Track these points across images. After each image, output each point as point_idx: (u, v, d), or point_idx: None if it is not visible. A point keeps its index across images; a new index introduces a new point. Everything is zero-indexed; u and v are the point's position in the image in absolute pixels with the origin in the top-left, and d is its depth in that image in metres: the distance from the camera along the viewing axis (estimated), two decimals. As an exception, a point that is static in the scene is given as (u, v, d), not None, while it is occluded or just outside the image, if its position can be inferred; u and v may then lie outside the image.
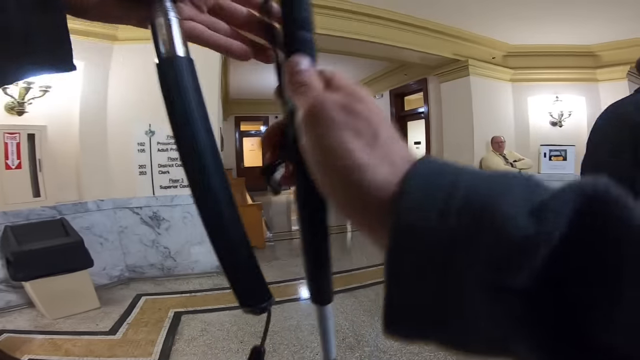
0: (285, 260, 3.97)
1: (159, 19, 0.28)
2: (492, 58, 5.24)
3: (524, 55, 5.36)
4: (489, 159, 4.90)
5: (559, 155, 5.46)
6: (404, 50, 4.57)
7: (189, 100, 0.28)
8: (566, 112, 5.33)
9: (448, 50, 4.87)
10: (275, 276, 3.38)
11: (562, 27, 4.58)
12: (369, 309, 2.65)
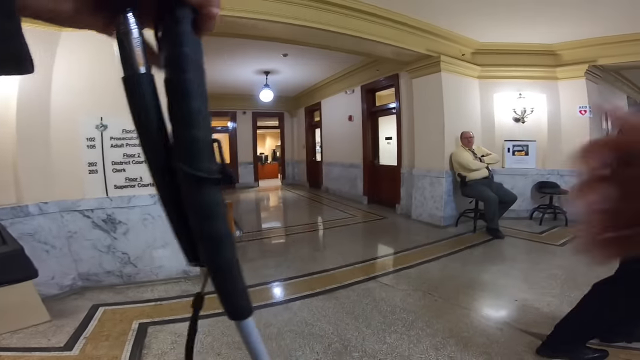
0: (258, 261, 3.76)
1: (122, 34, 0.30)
2: (462, 55, 5.34)
3: (491, 53, 5.51)
4: (459, 154, 4.98)
5: (521, 150, 5.68)
6: (378, 44, 4.50)
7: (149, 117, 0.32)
8: (529, 108, 5.56)
9: (422, 46, 4.88)
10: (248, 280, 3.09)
11: (527, 26, 4.74)
12: (351, 310, 2.52)
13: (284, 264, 3.62)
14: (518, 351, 1.95)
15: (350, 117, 7.75)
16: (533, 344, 2.00)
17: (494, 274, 3.32)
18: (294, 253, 4.03)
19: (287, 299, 2.76)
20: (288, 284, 3.11)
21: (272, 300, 2.76)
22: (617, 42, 4.88)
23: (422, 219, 5.58)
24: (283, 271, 3.40)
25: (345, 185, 8.24)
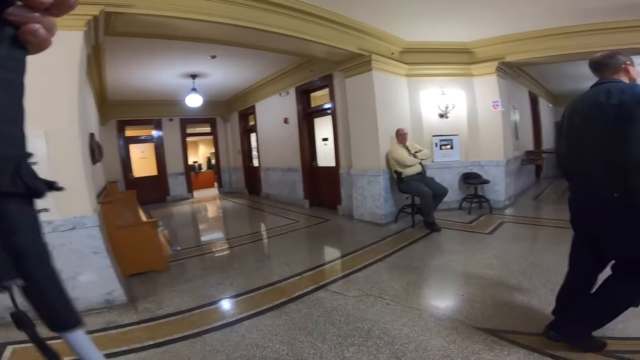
0: (197, 280, 3.42)
1: None
2: (391, 54, 5.51)
3: (417, 51, 5.78)
4: (395, 151, 5.14)
5: (447, 144, 6.06)
6: (312, 43, 4.43)
7: None
8: (451, 104, 5.95)
9: (354, 45, 4.92)
10: (186, 303, 2.85)
11: (447, 25, 5.04)
12: (304, 325, 2.38)
13: (227, 280, 3.34)
14: (475, 350, 1.97)
15: (286, 119, 7.61)
16: (488, 340, 2.05)
17: (438, 269, 3.44)
18: (237, 267, 3.75)
19: (233, 320, 2.52)
20: (232, 303, 2.87)
21: (216, 324, 2.48)
22: (521, 39, 5.42)
23: (364, 218, 5.66)
24: (226, 289, 3.14)
25: (286, 190, 8.08)
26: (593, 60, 1.83)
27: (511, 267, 3.29)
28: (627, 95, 1.54)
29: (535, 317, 2.28)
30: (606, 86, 1.67)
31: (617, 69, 1.75)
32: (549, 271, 3.13)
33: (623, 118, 1.52)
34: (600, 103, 1.62)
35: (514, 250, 3.91)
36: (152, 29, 3.48)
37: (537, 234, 4.75)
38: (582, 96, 1.81)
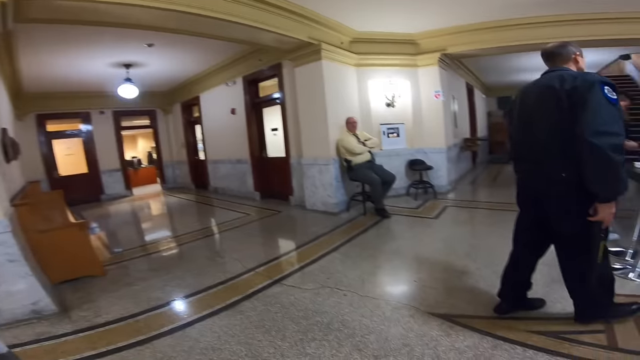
0: (140, 283, 3.14)
1: None
2: (340, 43, 5.48)
3: (366, 41, 5.82)
4: (344, 139, 5.16)
5: (394, 132, 6.22)
6: (261, 31, 4.24)
7: None
8: (397, 94, 6.12)
9: (304, 34, 4.80)
10: (129, 308, 2.61)
11: (395, 15, 5.11)
12: (261, 323, 2.28)
13: (173, 281, 3.11)
14: (433, 337, 2.01)
15: (233, 110, 7.29)
16: (444, 325, 2.11)
17: (390, 256, 3.51)
18: (184, 266, 3.50)
19: (184, 323, 2.34)
20: (182, 305, 2.67)
21: (165, 328, 2.28)
22: (461, 32, 5.69)
23: (317, 208, 5.64)
24: (173, 291, 2.92)
25: (235, 182, 7.79)
26: (546, 49, 1.93)
27: (457, 251, 3.47)
28: (579, 81, 1.63)
29: (483, 299, 2.41)
30: (559, 73, 1.76)
31: (568, 59, 1.86)
32: (490, 253, 3.34)
33: (576, 103, 1.61)
34: (553, 88, 1.70)
35: (458, 233, 4.13)
36: (75, 14, 3.09)
37: (476, 216, 5.08)
38: (534, 83, 1.89)
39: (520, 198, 2.09)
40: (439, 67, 6.09)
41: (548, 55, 1.93)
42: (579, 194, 1.70)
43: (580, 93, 1.61)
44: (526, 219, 2.07)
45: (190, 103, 9.18)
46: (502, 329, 2.02)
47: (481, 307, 2.31)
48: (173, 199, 8.60)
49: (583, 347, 1.79)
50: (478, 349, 1.86)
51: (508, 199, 6.00)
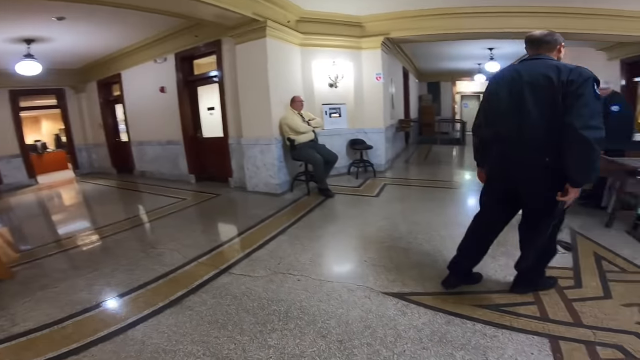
0: (60, 284, 2.69)
1: None
2: (287, 22, 5.23)
3: (313, 21, 5.65)
4: (289, 117, 5.02)
5: (335, 112, 6.23)
6: (199, 3, 3.83)
7: None
8: (340, 75, 6.09)
9: (248, 9, 4.46)
10: (51, 314, 2.24)
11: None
12: (214, 318, 2.11)
13: (101, 279, 2.73)
14: (391, 316, 2.06)
15: (163, 88, 6.63)
16: (399, 304, 2.17)
17: (338, 236, 3.53)
18: (113, 262, 3.08)
19: (124, 325, 2.07)
20: (117, 306, 2.36)
21: (101, 333, 2.00)
22: (404, 17, 5.77)
23: (259, 189, 5.45)
24: (103, 290, 2.57)
25: (166, 165, 7.17)
26: (534, 36, 1.95)
27: (400, 228, 3.62)
28: (575, 74, 1.70)
29: (429, 275, 2.55)
30: (553, 63, 1.81)
31: (553, 48, 1.92)
32: (429, 229, 3.56)
33: (569, 94, 1.69)
34: (551, 78, 1.74)
35: (398, 211, 4.31)
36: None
37: (412, 193, 5.37)
38: (522, 69, 1.90)
39: (493, 176, 2.14)
40: (381, 51, 6.18)
41: (534, 42, 1.95)
42: (553, 176, 1.83)
43: (575, 86, 1.68)
44: (494, 196, 2.14)
45: (109, 81, 8.20)
46: (451, 305, 2.15)
47: (428, 283, 2.44)
48: (90, 185, 7.62)
49: (521, 319, 1.98)
50: (434, 326, 1.95)
51: (437, 177, 6.52)
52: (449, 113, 14.80)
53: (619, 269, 2.60)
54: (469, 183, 5.94)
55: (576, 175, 1.75)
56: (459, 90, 15.62)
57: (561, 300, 2.16)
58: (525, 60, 1.97)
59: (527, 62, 1.94)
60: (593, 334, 1.81)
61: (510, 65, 1.99)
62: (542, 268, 2.22)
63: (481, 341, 1.80)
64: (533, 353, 1.70)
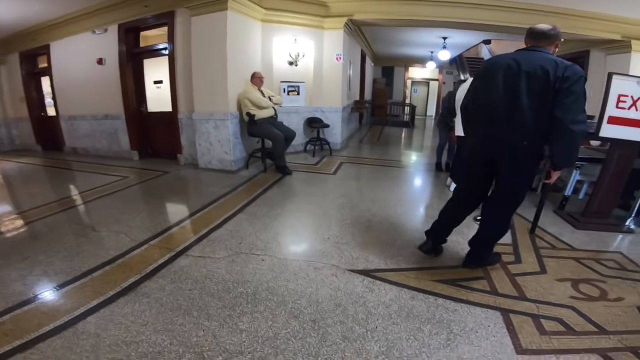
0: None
1: None
2: None
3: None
4: (250, 91, 4.86)
5: (294, 90, 6.09)
6: None
7: None
8: (301, 53, 5.92)
9: None
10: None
11: None
12: (176, 305, 1.98)
13: (36, 268, 2.39)
14: (359, 293, 2.10)
15: (101, 60, 5.93)
16: (365, 281, 2.23)
17: (299, 214, 3.50)
18: (47, 248, 2.71)
19: (71, 318, 1.84)
20: (59, 297, 2.08)
21: (47, 328, 1.76)
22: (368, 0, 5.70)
23: (212, 166, 5.20)
24: (40, 280, 2.24)
25: (103, 141, 6.52)
26: (538, 29, 2.02)
27: (359, 206, 3.69)
28: (570, 72, 1.81)
29: (390, 252, 2.65)
30: (550, 57, 1.91)
31: (552, 43, 2.01)
32: (386, 206, 3.69)
33: (562, 90, 1.81)
34: (548, 72, 1.84)
35: (356, 188, 4.40)
36: None
37: (368, 172, 5.48)
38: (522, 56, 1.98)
39: (476, 150, 2.23)
40: (343, 32, 6.12)
41: (537, 35, 2.02)
42: (529, 160, 2.03)
43: (569, 83, 1.80)
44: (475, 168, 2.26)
45: (34, 52, 7.18)
46: (413, 280, 2.26)
47: (390, 260, 2.54)
48: (11, 164, 6.62)
49: (475, 293, 2.14)
50: (400, 301, 2.03)
51: (390, 156, 6.74)
52: (401, 97, 15.31)
53: (549, 245, 2.92)
54: (417, 163, 6.23)
55: (560, 161, 1.96)
56: (411, 76, 16.13)
57: (506, 275, 2.37)
58: (524, 50, 2.05)
59: (526, 52, 2.03)
60: (536, 307, 2.01)
61: (507, 54, 2.07)
62: (492, 245, 2.42)
63: (444, 315, 1.91)
64: (490, 326, 1.84)
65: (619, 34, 5.57)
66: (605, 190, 3.34)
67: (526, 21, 5.35)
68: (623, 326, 1.87)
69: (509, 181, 2.12)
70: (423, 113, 17.12)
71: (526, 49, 2.06)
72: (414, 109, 13.43)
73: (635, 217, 3.56)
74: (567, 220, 3.50)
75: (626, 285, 2.31)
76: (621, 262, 2.67)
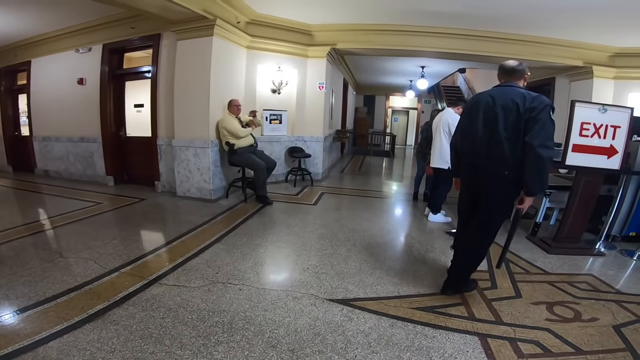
0: None
1: None
2: (237, 22, 5.05)
3: (264, 25, 5.56)
4: (227, 120, 4.85)
5: (276, 119, 6.18)
6: None
7: None
8: (284, 81, 6.05)
9: (198, 5, 4.21)
10: None
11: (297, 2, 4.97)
12: (147, 332, 1.88)
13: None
14: (338, 322, 2.07)
15: (81, 80, 5.90)
16: (344, 310, 2.20)
17: (278, 244, 3.45)
18: (10, 272, 2.57)
19: (32, 342, 1.73)
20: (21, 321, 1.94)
21: (4, 351, 1.65)
22: (352, 30, 5.95)
23: (191, 194, 5.11)
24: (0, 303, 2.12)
25: (77, 164, 6.34)
26: (508, 66, 2.26)
27: (339, 236, 3.69)
28: (536, 102, 2.02)
29: (369, 281, 2.64)
30: (519, 91, 2.12)
31: (521, 77, 2.25)
32: (366, 236, 3.71)
33: (531, 118, 2.01)
34: (518, 105, 2.06)
35: (336, 218, 4.40)
36: None
37: (348, 202, 5.52)
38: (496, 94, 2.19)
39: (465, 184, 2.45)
40: (327, 61, 6.31)
41: (508, 71, 2.26)
42: (509, 188, 2.18)
43: (536, 112, 2.01)
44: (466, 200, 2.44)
45: (14, 69, 7.12)
46: (392, 309, 2.25)
47: (369, 288, 2.53)
48: (-22, 184, 6.37)
49: (454, 319, 2.16)
50: (379, 330, 2.01)
51: (371, 186, 6.84)
52: (382, 126, 15.62)
53: (523, 270, 2.99)
54: (397, 193, 6.34)
55: (532, 185, 2.09)
56: (391, 105, 16.64)
57: (482, 301, 2.40)
58: (499, 87, 2.27)
59: (500, 88, 2.25)
60: (513, 331, 2.03)
61: (486, 91, 2.30)
62: (470, 272, 2.46)
63: (423, 342, 1.90)
64: (468, 351, 1.84)
65: (581, 60, 5.82)
66: (574, 216, 3.50)
67: (498, 50, 5.73)
68: (599, 345, 1.91)
69: (490, 207, 2.26)
70: (403, 142, 17.60)
71: (500, 85, 2.28)
72: (394, 139, 13.80)
73: (604, 241, 3.73)
74: (540, 246, 3.62)
75: (600, 306, 2.39)
76: (593, 284, 2.77)
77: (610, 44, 5.57)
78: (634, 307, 2.39)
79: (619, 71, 5.76)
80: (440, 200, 4.49)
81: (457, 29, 5.60)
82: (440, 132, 4.28)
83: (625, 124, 3.26)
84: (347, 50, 6.50)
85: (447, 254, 3.21)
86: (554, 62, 5.86)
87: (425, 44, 5.88)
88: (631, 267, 3.21)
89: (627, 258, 3.44)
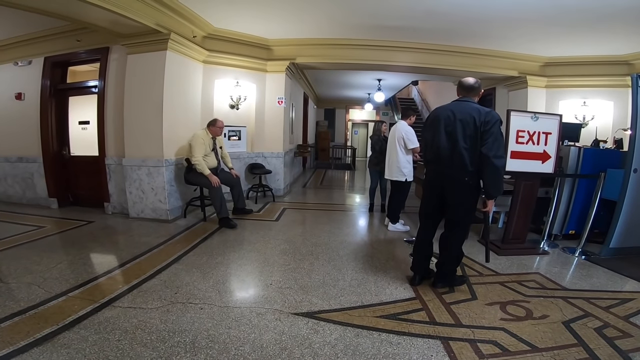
0: None
1: None
2: (193, 37, 4.96)
3: (220, 39, 5.51)
4: (196, 136, 4.63)
5: (235, 135, 6.11)
6: (94, 8, 3.40)
7: None
8: (243, 96, 6.00)
9: (151, 19, 4.10)
10: None
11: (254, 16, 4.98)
12: (103, 355, 1.76)
13: None
14: (305, 336, 2.05)
15: (20, 95, 5.48)
16: (310, 323, 2.19)
17: (240, 262, 3.37)
18: None
19: None
20: None
21: None
22: (310, 44, 6.05)
23: (145, 215, 4.86)
24: None
25: (15, 186, 5.81)
26: (467, 83, 2.58)
27: (301, 250, 3.69)
28: (489, 117, 2.36)
29: (332, 293, 2.67)
30: (475, 106, 2.47)
31: (477, 93, 2.60)
32: (328, 249, 3.74)
33: (485, 131, 2.34)
34: (473, 117, 2.39)
35: (298, 233, 4.40)
36: None
37: (310, 217, 5.54)
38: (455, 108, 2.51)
39: (428, 190, 2.75)
40: (286, 75, 6.34)
41: (467, 88, 2.58)
42: (470, 192, 2.50)
43: (489, 126, 2.34)
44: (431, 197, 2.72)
45: None
46: (357, 318, 2.28)
47: (333, 300, 2.55)
48: None
49: (416, 325, 2.23)
50: (345, 340, 2.02)
51: (333, 200, 6.92)
52: (342, 139, 15.94)
53: (477, 273, 3.17)
54: (359, 205, 6.47)
55: (489, 189, 2.43)
56: (351, 118, 17.10)
57: (442, 304, 2.51)
58: (457, 102, 2.57)
59: (458, 103, 2.55)
60: (472, 332, 2.13)
61: (446, 106, 2.60)
62: (455, 267, 2.76)
63: (389, 349, 1.94)
64: (432, 355, 1.90)
65: (516, 70, 6.16)
66: (517, 217, 3.78)
67: (447, 62, 6.10)
68: (552, 342, 2.04)
69: (456, 209, 2.57)
70: (364, 155, 18.02)
71: (458, 100, 2.58)
72: (354, 151, 14.12)
73: (547, 240, 4.06)
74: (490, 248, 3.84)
75: (548, 303, 2.57)
76: (540, 282, 2.99)
77: (540, 54, 6.03)
78: (580, 302, 2.60)
79: (549, 80, 6.25)
80: (399, 210, 4.67)
81: (412, 42, 5.86)
82: (396, 147, 4.48)
83: (556, 130, 3.61)
84: (307, 64, 6.61)
85: (407, 261, 3.31)
86: (494, 72, 6.26)
87: (380, 58, 6.12)
88: (574, 264, 3.51)
89: (569, 255, 3.77)
